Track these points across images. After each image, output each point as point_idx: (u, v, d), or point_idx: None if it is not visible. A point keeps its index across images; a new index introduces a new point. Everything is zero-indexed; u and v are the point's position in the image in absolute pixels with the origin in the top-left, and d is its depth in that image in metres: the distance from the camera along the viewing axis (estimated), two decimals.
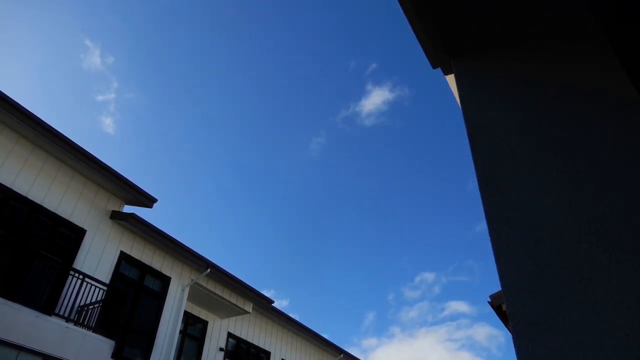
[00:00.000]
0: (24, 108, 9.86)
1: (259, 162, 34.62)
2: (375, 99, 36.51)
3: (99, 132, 31.37)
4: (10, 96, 9.55)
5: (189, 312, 14.05)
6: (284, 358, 17.50)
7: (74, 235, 10.77)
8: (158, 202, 12.56)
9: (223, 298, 13.97)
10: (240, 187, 37.50)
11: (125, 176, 11.79)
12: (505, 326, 9.27)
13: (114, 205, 12.07)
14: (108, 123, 32.06)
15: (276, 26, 29.62)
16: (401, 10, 1.54)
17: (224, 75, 30.23)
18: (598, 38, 1.48)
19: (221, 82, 30.63)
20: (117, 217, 11.73)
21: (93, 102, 29.86)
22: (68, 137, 10.62)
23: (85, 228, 11.02)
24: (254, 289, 14.71)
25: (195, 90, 30.28)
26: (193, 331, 14.33)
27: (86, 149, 10.97)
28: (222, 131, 33.56)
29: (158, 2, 25.98)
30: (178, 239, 12.67)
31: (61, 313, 9.42)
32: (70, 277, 9.93)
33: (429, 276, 44.15)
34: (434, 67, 1.74)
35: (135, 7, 25.55)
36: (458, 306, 45.32)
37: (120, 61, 28.04)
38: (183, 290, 12.99)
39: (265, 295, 15.23)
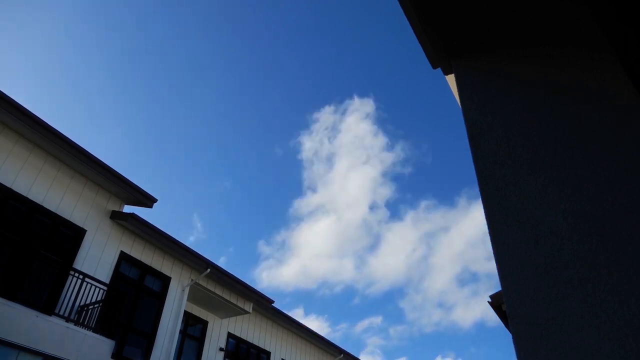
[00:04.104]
0: (24, 108, 9.85)
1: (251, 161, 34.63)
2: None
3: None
4: (10, 96, 9.56)
5: (189, 312, 14.04)
6: (284, 358, 17.49)
7: (74, 235, 10.77)
8: (158, 202, 12.57)
9: (223, 298, 13.96)
10: (241, 187, 37.57)
11: (125, 176, 11.80)
12: (505, 326, 9.26)
13: (114, 205, 12.06)
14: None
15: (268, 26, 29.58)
16: (401, 11, 1.54)
17: (215, 75, 30.20)
18: (598, 38, 1.48)
19: (213, 82, 30.61)
20: (117, 217, 11.73)
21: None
22: (68, 137, 10.63)
23: (85, 228, 11.01)
24: (254, 289, 14.70)
25: (187, 90, 30.23)
26: (193, 331, 14.31)
27: (86, 149, 10.97)
28: (220, 131, 33.56)
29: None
30: (178, 239, 12.70)
31: (61, 313, 9.41)
32: (70, 277, 9.93)
33: None
34: (434, 67, 1.74)
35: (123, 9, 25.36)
36: None
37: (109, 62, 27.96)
38: (183, 290, 12.98)
39: (266, 295, 15.24)
